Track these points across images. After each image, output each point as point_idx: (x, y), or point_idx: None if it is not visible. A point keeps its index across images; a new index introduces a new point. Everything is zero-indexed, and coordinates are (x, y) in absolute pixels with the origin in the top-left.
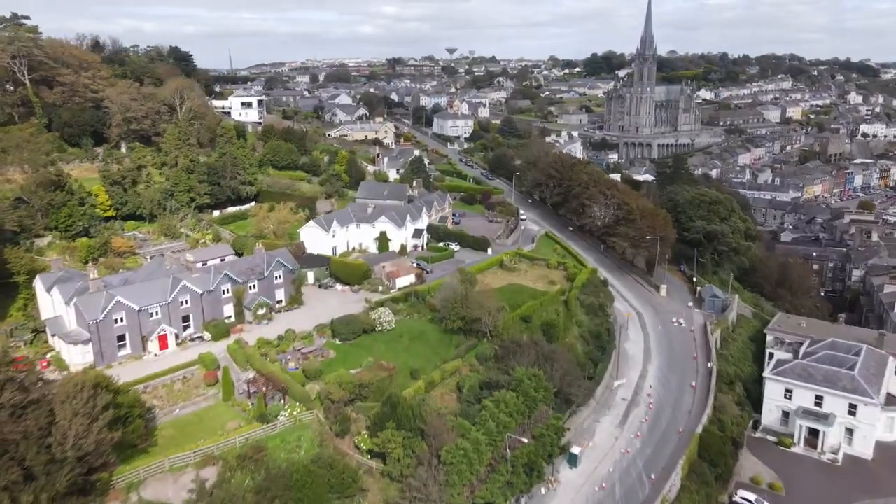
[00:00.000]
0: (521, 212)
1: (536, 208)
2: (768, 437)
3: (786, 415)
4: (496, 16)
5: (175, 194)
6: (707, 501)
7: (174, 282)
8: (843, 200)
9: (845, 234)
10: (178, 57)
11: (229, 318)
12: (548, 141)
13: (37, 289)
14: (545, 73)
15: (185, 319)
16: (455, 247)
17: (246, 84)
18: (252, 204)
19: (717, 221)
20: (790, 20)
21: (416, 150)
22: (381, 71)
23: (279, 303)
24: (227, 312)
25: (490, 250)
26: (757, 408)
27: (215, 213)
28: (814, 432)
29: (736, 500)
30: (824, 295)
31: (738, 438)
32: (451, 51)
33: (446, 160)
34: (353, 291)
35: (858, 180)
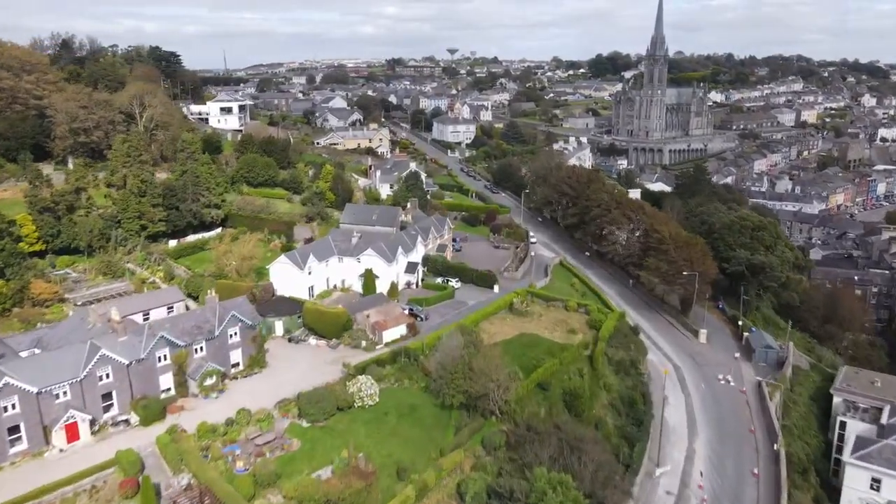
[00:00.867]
0: (531, 235)
1: (547, 228)
2: None
3: None
4: (498, 16)
5: (122, 222)
6: None
7: (91, 350)
8: (866, 210)
9: (885, 254)
10: (158, 57)
11: (168, 390)
12: (555, 148)
13: None
14: (549, 74)
15: (107, 398)
16: (455, 283)
17: (238, 85)
18: (218, 230)
19: (761, 251)
20: (793, 20)
21: (413, 163)
22: (381, 72)
23: (235, 366)
24: (164, 384)
25: (497, 287)
26: (831, 496)
27: (171, 243)
28: None
29: None
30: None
31: None
32: (453, 51)
33: (446, 171)
34: (329, 347)
35: (882, 188)
